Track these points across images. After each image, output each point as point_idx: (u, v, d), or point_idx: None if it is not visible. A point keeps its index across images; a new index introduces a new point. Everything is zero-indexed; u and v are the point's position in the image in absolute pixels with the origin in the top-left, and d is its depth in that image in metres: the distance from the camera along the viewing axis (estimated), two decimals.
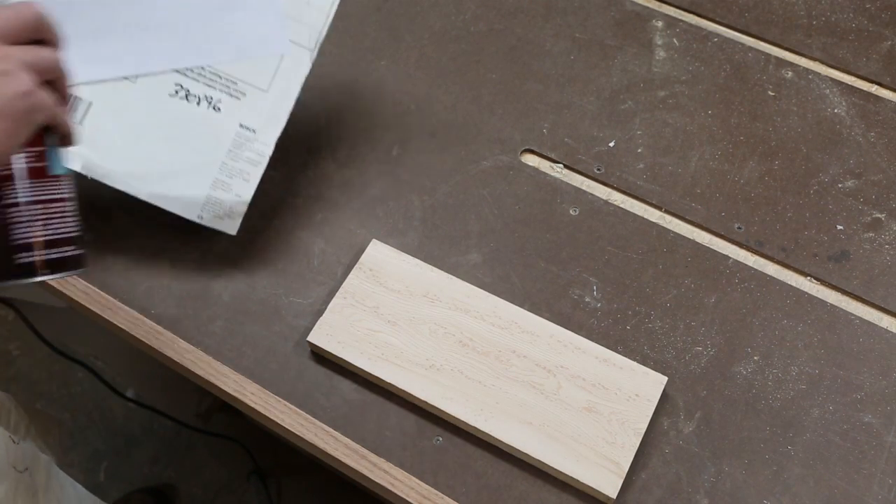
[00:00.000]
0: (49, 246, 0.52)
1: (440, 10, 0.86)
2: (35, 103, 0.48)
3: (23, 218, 0.52)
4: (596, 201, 0.75)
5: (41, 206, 0.52)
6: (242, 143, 0.69)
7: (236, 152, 0.69)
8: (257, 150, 0.69)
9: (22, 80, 0.47)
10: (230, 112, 0.69)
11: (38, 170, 0.52)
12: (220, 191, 0.68)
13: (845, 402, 0.65)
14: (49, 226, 0.52)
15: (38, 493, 0.79)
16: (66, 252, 0.53)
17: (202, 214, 0.68)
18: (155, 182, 0.68)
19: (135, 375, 1.46)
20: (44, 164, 0.53)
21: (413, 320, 0.66)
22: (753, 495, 0.61)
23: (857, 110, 0.79)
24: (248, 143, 0.69)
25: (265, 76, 0.69)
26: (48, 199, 0.53)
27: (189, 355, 0.67)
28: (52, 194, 0.53)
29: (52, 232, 0.53)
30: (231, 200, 0.68)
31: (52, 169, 0.53)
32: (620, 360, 0.65)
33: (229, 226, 0.69)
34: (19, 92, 0.47)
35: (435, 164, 0.76)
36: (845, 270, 0.71)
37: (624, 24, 0.85)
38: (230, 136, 0.69)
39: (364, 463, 0.63)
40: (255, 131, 0.69)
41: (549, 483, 0.62)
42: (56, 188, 0.53)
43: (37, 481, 0.79)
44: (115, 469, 1.41)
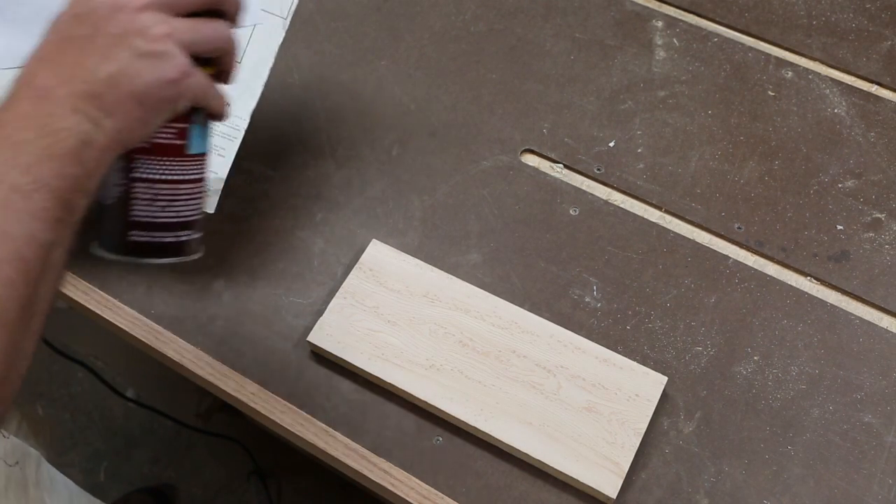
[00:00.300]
0: (165, 229, 0.50)
1: (440, 10, 0.86)
2: (181, 91, 0.45)
3: (145, 195, 0.49)
4: (596, 201, 0.75)
5: (168, 186, 0.49)
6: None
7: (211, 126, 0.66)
8: (232, 125, 0.66)
9: (173, 65, 0.44)
10: None
11: (175, 147, 0.49)
12: None
13: (845, 402, 0.65)
14: (170, 208, 0.49)
15: (28, 487, 0.79)
16: (181, 237, 0.50)
17: None
18: None
19: (135, 375, 1.46)
20: (183, 143, 0.49)
21: (413, 320, 0.66)
22: (753, 495, 0.61)
23: (857, 110, 0.79)
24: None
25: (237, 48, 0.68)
26: (177, 179, 0.49)
27: (189, 355, 0.67)
28: (182, 175, 0.50)
29: (172, 214, 0.50)
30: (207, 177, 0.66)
31: (190, 147, 0.49)
32: (620, 360, 0.65)
33: (207, 204, 0.66)
34: (166, 79, 0.44)
35: (435, 164, 0.76)
36: (845, 270, 0.71)
37: (624, 24, 0.85)
38: None
39: (364, 463, 0.63)
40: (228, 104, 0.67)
41: (549, 483, 0.62)
42: (188, 168, 0.50)
43: (27, 475, 0.79)
44: (115, 469, 1.41)
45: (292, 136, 0.78)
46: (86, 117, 0.41)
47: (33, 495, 0.79)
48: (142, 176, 0.48)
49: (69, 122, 0.41)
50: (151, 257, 0.50)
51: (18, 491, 0.76)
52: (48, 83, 0.42)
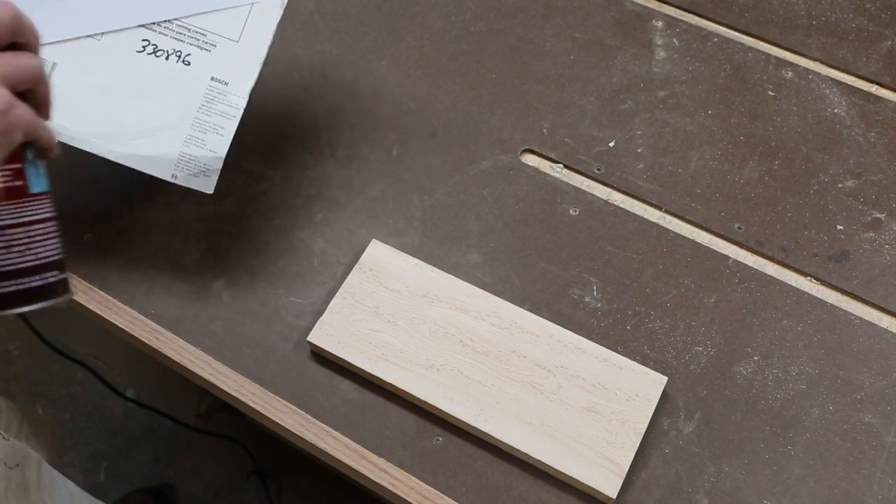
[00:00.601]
0: (29, 273, 0.48)
1: (440, 10, 0.86)
2: (11, 123, 0.43)
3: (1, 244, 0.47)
4: (596, 201, 0.75)
5: (21, 230, 0.48)
6: (215, 96, 0.66)
7: (209, 106, 0.66)
8: (231, 103, 0.66)
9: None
10: (200, 65, 0.66)
11: (16, 189, 0.47)
12: (193, 147, 0.65)
13: (845, 402, 0.65)
14: (29, 251, 0.48)
15: (29, 490, 0.79)
16: (47, 278, 0.49)
17: (176, 173, 0.65)
18: (125, 142, 0.65)
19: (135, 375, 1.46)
20: (23, 183, 0.48)
21: (413, 320, 0.66)
22: (753, 495, 0.61)
23: (857, 110, 0.79)
24: (220, 96, 0.66)
25: (235, 26, 0.66)
26: (28, 221, 0.48)
27: (189, 355, 0.67)
28: (31, 215, 0.48)
29: (33, 257, 0.48)
30: (206, 157, 0.65)
31: (31, 187, 0.48)
32: (620, 360, 0.65)
33: (205, 184, 0.65)
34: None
35: (435, 164, 0.76)
36: (845, 270, 0.71)
37: (624, 24, 0.85)
38: (202, 90, 0.66)
39: (364, 463, 0.63)
40: (227, 83, 0.66)
41: (549, 483, 0.62)
42: (36, 208, 0.49)
43: (28, 477, 0.79)
44: (115, 469, 1.41)
45: (292, 136, 0.78)
46: None
47: (34, 497, 0.79)
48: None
49: None
50: (21, 306, 0.48)
51: (19, 493, 0.76)
52: None
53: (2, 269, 0.47)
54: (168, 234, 0.72)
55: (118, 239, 0.73)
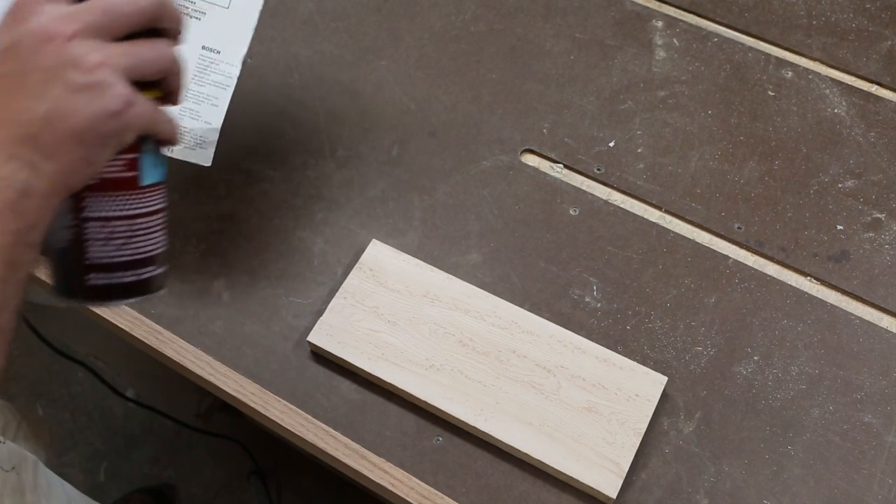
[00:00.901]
0: (124, 268, 0.46)
1: (440, 10, 0.86)
2: (127, 123, 0.41)
3: (100, 235, 0.45)
4: (596, 201, 0.75)
5: (123, 223, 0.45)
6: (207, 65, 0.64)
7: (202, 76, 0.64)
8: (224, 72, 0.64)
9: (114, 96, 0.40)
10: (191, 34, 0.63)
11: (126, 181, 0.45)
12: (188, 119, 0.63)
13: (845, 402, 0.65)
14: (128, 246, 0.46)
15: (25, 493, 0.78)
16: (142, 275, 0.47)
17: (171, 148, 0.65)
18: None
19: (135, 375, 1.46)
20: (135, 174, 0.45)
21: (413, 320, 0.66)
22: (753, 495, 0.61)
23: (857, 110, 0.79)
24: (213, 65, 0.64)
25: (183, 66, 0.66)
26: (132, 214, 0.46)
27: (189, 355, 0.67)
28: (137, 209, 0.46)
29: (130, 252, 0.46)
30: (201, 129, 0.64)
31: (143, 178, 0.46)
32: (620, 360, 0.65)
33: (202, 156, 0.64)
34: (108, 111, 0.39)
35: (435, 164, 0.76)
36: (845, 270, 0.71)
37: (624, 24, 0.85)
38: (193, 60, 0.64)
39: (364, 463, 0.63)
40: (219, 52, 0.64)
41: (549, 483, 0.62)
42: (144, 201, 0.46)
43: (24, 480, 0.79)
44: (115, 469, 1.41)
45: (292, 136, 0.78)
46: (23, 164, 0.38)
47: (30, 501, 0.79)
48: (93, 215, 0.45)
49: (4, 171, 0.37)
50: (114, 300, 0.47)
51: (15, 497, 0.76)
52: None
53: (98, 262, 0.45)
54: (168, 234, 0.72)
55: None
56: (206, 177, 0.75)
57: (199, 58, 0.64)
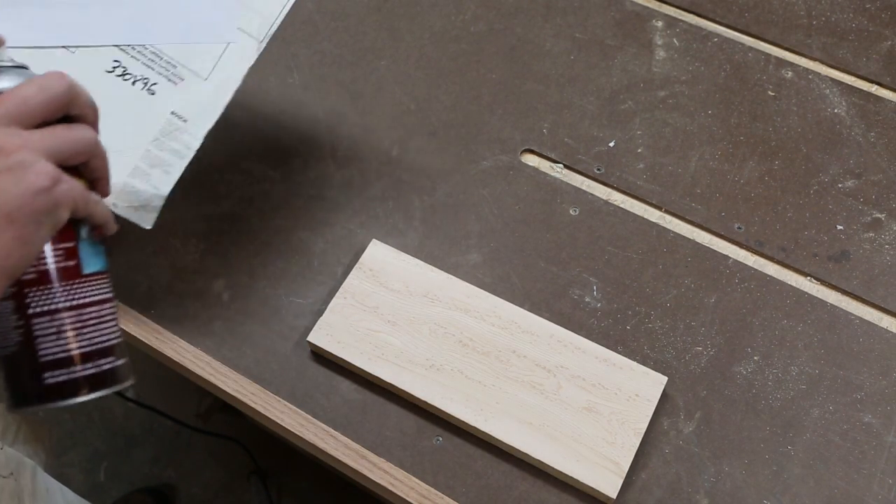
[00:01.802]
0: (82, 360, 0.44)
1: (440, 10, 0.86)
2: (56, 199, 0.40)
3: (50, 329, 0.44)
4: (596, 201, 0.75)
5: (72, 314, 0.44)
6: (171, 131, 0.64)
7: (163, 141, 0.64)
8: (185, 142, 0.64)
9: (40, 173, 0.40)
10: (165, 97, 0.63)
11: (67, 270, 0.44)
12: (138, 179, 0.62)
13: (845, 402, 0.65)
14: (81, 337, 0.44)
15: (24, 498, 0.78)
16: (103, 365, 0.45)
17: (116, 203, 0.62)
18: None
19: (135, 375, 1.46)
20: (75, 262, 0.45)
21: (413, 320, 0.66)
22: (753, 495, 0.61)
23: (857, 110, 0.79)
24: (176, 132, 0.64)
25: (207, 63, 0.65)
26: (80, 304, 0.45)
27: (189, 355, 0.67)
28: (84, 298, 0.45)
29: (86, 343, 0.45)
30: (148, 192, 0.63)
31: (84, 267, 0.45)
32: (620, 360, 0.65)
33: (144, 219, 0.62)
34: (36, 188, 0.39)
35: (435, 164, 0.76)
36: (845, 270, 0.71)
37: (624, 24, 0.85)
38: (160, 123, 0.63)
39: (364, 463, 0.63)
40: (186, 121, 0.64)
41: (549, 483, 0.62)
42: (90, 290, 0.45)
43: (22, 486, 0.79)
44: (115, 469, 1.41)
45: (292, 136, 0.78)
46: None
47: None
48: (39, 310, 0.44)
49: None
50: (75, 397, 0.45)
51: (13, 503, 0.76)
52: None
53: (53, 357, 0.44)
54: (168, 234, 0.72)
55: (118, 239, 0.72)
56: (206, 177, 0.75)
57: (166, 122, 0.64)
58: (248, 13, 0.65)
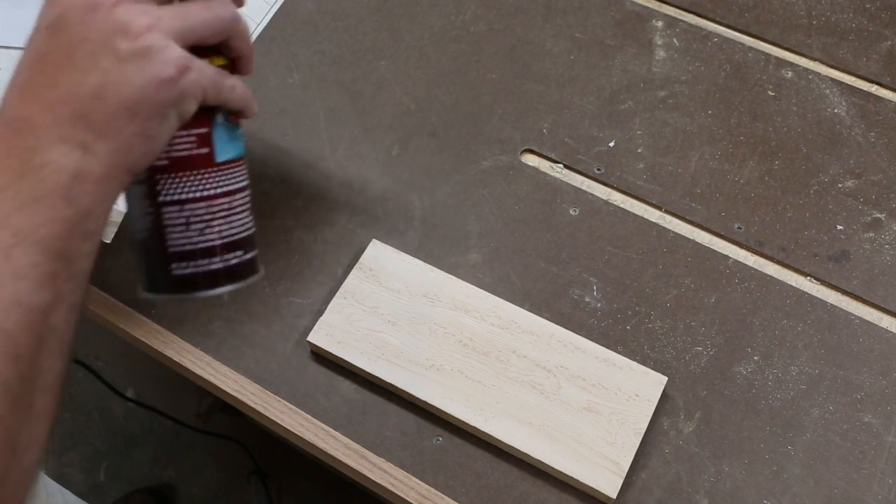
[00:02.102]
0: (209, 254, 0.43)
1: (440, 10, 0.86)
2: (183, 90, 0.38)
3: (178, 220, 0.42)
4: (596, 201, 0.75)
5: (202, 205, 0.42)
6: None
7: None
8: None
9: (166, 61, 0.37)
10: None
11: (199, 158, 0.42)
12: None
13: (845, 402, 0.65)
14: (209, 230, 0.43)
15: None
16: (229, 260, 0.44)
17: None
18: None
19: (135, 375, 1.46)
20: (208, 151, 0.42)
21: (413, 320, 0.66)
22: (753, 495, 0.61)
23: (857, 110, 0.79)
24: None
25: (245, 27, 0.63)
26: (211, 195, 0.42)
27: (189, 355, 0.67)
28: (215, 188, 0.43)
29: (213, 237, 0.43)
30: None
31: (218, 154, 0.42)
32: (620, 360, 0.65)
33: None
34: (160, 78, 0.36)
35: (435, 164, 0.76)
36: (845, 270, 0.71)
37: (624, 24, 0.85)
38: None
39: (364, 463, 0.63)
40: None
41: (549, 483, 0.62)
42: (222, 179, 0.43)
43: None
44: (115, 469, 1.41)
45: (292, 136, 0.78)
46: (74, 145, 0.35)
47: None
48: (169, 199, 0.42)
49: (54, 154, 0.35)
50: (203, 289, 0.44)
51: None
52: (26, 113, 0.35)
53: (180, 249, 0.42)
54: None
55: (118, 239, 0.72)
56: None
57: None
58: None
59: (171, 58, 0.37)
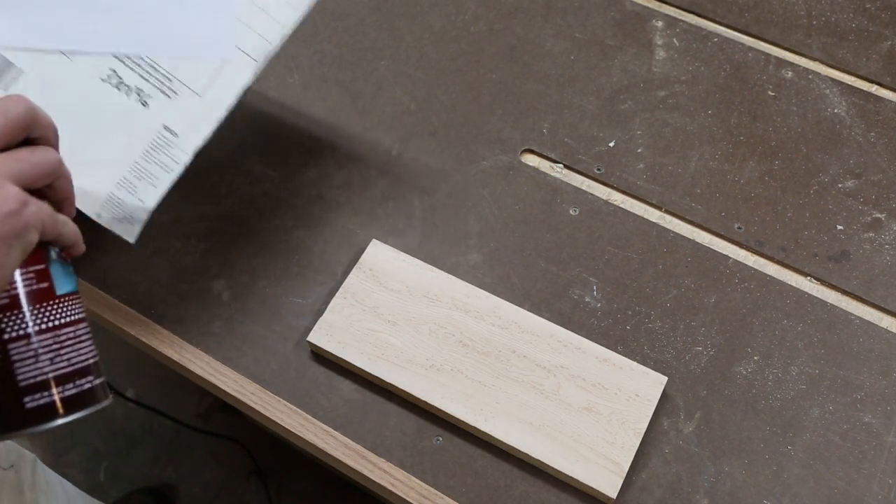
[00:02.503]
0: (62, 381, 0.45)
1: (440, 10, 0.86)
2: (26, 221, 0.41)
3: (27, 353, 0.44)
4: (596, 201, 0.75)
5: (48, 336, 0.44)
6: (161, 145, 0.63)
7: (152, 154, 0.63)
8: (174, 157, 0.63)
9: (8, 198, 0.40)
10: (158, 110, 0.63)
11: (41, 292, 0.45)
12: (123, 191, 0.62)
13: (845, 402, 0.65)
14: (59, 358, 0.45)
15: (24, 490, 0.78)
16: (83, 385, 0.46)
17: (101, 213, 0.61)
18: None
19: (135, 375, 1.46)
20: (48, 285, 0.45)
21: (413, 320, 0.66)
22: (753, 495, 0.61)
23: (857, 110, 0.79)
24: (166, 146, 0.63)
25: (202, 79, 0.64)
26: (55, 325, 0.45)
27: (189, 355, 0.67)
28: (58, 319, 0.45)
29: (64, 364, 0.45)
30: (133, 204, 0.62)
31: (57, 288, 0.45)
32: (620, 360, 0.65)
33: (128, 231, 0.62)
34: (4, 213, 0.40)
35: (435, 164, 0.76)
36: (845, 270, 0.71)
37: (624, 24, 0.85)
38: (150, 136, 0.63)
39: (364, 463, 0.63)
40: (177, 135, 0.63)
41: (549, 483, 0.62)
42: (64, 311, 0.46)
43: (23, 478, 0.79)
44: (115, 469, 1.41)
45: (292, 136, 0.78)
46: None
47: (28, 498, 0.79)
48: (14, 334, 0.44)
49: None
50: (56, 419, 0.44)
51: (13, 495, 0.76)
52: None
53: (32, 381, 0.44)
54: (168, 234, 0.72)
55: (118, 239, 0.72)
56: (206, 177, 0.75)
57: (157, 135, 0.63)
58: (248, 32, 0.64)
59: (11, 194, 0.41)
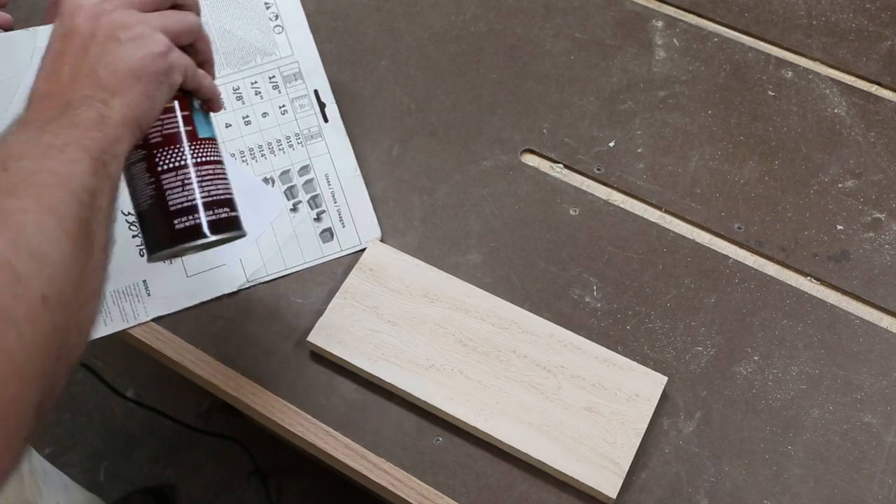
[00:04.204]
0: (204, 208, 0.52)
1: (440, 10, 0.86)
2: (171, 62, 0.50)
3: (175, 182, 0.52)
4: (596, 201, 0.75)
5: (192, 170, 0.53)
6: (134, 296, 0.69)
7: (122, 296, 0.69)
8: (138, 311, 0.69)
9: (156, 41, 0.49)
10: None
11: (185, 133, 0.53)
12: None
13: (845, 402, 0.65)
14: (202, 188, 0.53)
15: (23, 476, 0.79)
16: (221, 213, 0.53)
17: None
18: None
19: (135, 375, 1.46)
20: (191, 128, 0.53)
21: (413, 320, 0.66)
22: (753, 495, 0.61)
23: (857, 110, 0.79)
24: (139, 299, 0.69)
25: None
26: (201, 160, 0.53)
27: (189, 355, 0.67)
28: (201, 157, 0.53)
29: (205, 194, 0.53)
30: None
31: (200, 131, 0.54)
32: (620, 360, 0.65)
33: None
34: (153, 53, 0.49)
35: (435, 164, 0.76)
36: (845, 270, 0.71)
37: (624, 24, 0.85)
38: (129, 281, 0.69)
39: (364, 463, 0.63)
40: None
41: (549, 483, 0.62)
42: (205, 151, 0.54)
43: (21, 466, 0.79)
44: (115, 469, 1.41)
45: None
46: (96, 99, 0.46)
47: (28, 483, 0.80)
48: (166, 167, 0.52)
49: (83, 104, 0.46)
50: (199, 237, 0.52)
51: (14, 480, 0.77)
52: (55, 89, 0.47)
53: (180, 206, 0.52)
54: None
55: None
56: None
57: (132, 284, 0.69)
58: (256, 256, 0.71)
59: (159, 40, 0.50)
